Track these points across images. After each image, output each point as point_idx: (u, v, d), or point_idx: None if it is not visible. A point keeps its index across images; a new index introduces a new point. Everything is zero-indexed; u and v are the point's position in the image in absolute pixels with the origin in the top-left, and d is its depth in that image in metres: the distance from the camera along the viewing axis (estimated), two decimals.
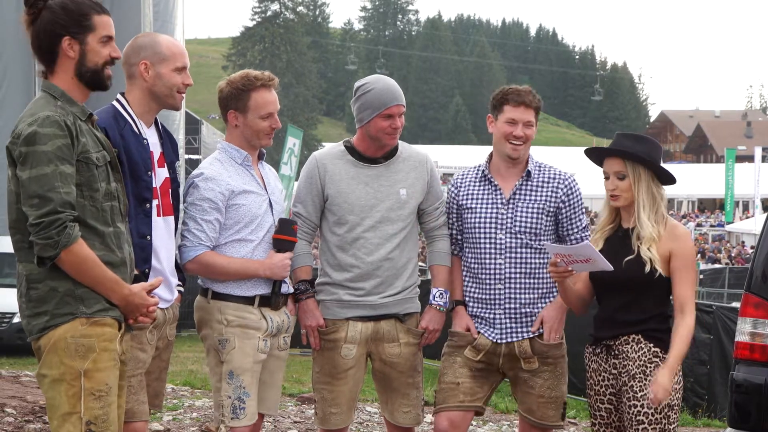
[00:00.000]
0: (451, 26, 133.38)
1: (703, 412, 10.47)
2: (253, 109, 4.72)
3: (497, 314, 4.88)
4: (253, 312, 4.68)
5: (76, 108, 3.79)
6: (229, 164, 4.76)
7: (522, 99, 4.82)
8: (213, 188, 4.65)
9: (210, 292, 4.72)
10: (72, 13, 3.78)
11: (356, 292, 4.88)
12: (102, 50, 3.82)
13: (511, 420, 9.25)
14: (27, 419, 7.81)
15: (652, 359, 4.39)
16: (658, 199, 4.49)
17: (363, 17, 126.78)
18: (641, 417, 4.34)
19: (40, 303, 3.68)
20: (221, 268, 4.64)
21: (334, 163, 4.94)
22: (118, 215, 3.86)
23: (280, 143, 24.74)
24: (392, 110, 4.83)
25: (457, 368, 4.90)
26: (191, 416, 8.41)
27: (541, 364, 4.88)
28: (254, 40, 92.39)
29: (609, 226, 4.60)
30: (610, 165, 4.53)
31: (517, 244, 4.86)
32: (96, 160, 3.75)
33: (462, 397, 4.86)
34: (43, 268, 3.64)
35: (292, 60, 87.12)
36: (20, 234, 3.70)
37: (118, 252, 3.80)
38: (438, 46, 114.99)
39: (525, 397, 4.95)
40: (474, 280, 4.94)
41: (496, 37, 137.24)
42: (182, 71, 4.42)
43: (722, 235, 44.21)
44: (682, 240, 4.46)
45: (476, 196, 4.96)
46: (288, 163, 21.85)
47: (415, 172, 5.00)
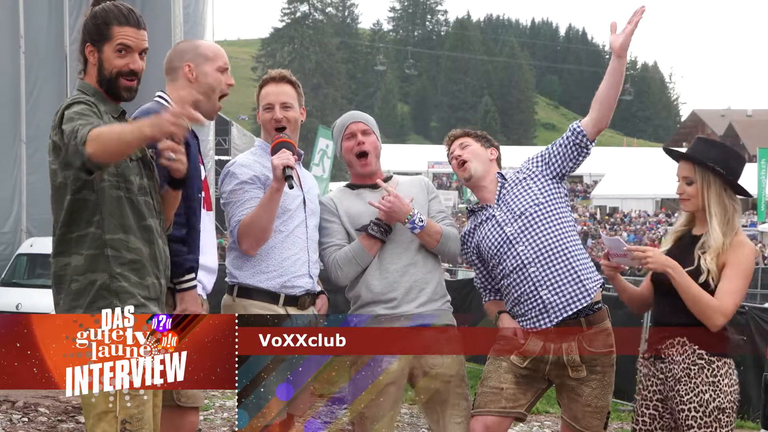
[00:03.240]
0: (480, 26, 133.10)
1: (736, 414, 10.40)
2: (260, 104, 4.90)
3: (543, 296, 4.76)
4: (277, 310, 4.70)
5: (108, 107, 3.85)
6: (265, 158, 4.82)
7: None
8: (247, 172, 4.76)
9: (236, 289, 4.76)
10: (96, 20, 3.86)
11: (389, 304, 4.87)
12: (116, 60, 3.85)
13: (542, 421, 9.21)
14: (60, 419, 7.87)
15: (696, 361, 4.31)
16: (730, 210, 4.39)
17: (392, 18, 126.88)
18: (690, 421, 4.26)
19: (78, 296, 3.73)
20: (250, 217, 4.63)
21: (340, 199, 5.02)
22: (152, 210, 3.89)
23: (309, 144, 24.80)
24: (351, 128, 4.98)
25: (502, 373, 4.81)
26: (222, 416, 8.45)
27: (589, 373, 4.77)
28: (283, 41, 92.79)
29: (682, 228, 4.56)
30: (681, 169, 4.48)
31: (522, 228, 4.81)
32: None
33: (504, 403, 4.78)
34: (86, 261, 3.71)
35: (321, 61, 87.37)
36: (66, 227, 3.76)
37: (145, 247, 3.83)
38: (467, 47, 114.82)
39: (571, 404, 4.85)
40: (517, 298, 4.84)
41: (526, 36, 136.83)
42: (224, 71, 4.53)
43: (755, 234, 43.86)
44: (737, 250, 4.35)
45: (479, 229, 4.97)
46: (320, 165, 21.91)
47: (415, 189, 5.07)
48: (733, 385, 4.33)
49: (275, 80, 4.88)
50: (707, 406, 4.26)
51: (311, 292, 4.84)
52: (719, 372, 4.30)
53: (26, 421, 7.79)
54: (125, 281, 3.76)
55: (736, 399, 4.33)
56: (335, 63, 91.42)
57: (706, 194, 4.40)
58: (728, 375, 4.31)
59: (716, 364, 4.31)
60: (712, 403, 4.25)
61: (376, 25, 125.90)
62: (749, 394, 10.37)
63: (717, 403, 4.26)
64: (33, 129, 18.59)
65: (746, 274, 4.37)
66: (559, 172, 4.94)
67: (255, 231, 4.68)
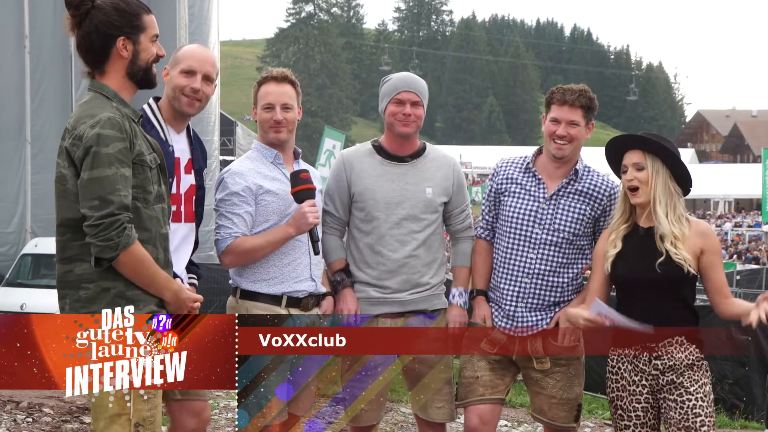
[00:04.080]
0: (485, 26, 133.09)
1: (740, 413, 10.38)
2: (259, 102, 4.84)
3: (518, 308, 4.86)
4: (280, 312, 4.69)
5: (128, 110, 3.84)
6: (260, 162, 4.80)
7: (565, 98, 4.79)
8: (240, 182, 4.70)
9: (239, 291, 4.76)
10: (125, 13, 3.83)
11: (383, 291, 4.93)
12: (152, 49, 3.89)
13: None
14: (64, 419, 7.88)
15: (698, 357, 4.43)
16: (675, 197, 4.46)
17: (397, 18, 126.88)
18: (697, 410, 4.38)
19: (89, 303, 3.70)
20: (251, 247, 4.66)
21: (361, 161, 5.01)
22: (167, 217, 3.92)
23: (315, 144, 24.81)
24: (402, 95, 4.92)
25: (475, 362, 4.90)
26: (226, 417, 8.45)
27: (553, 365, 4.86)
28: (288, 42, 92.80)
29: (623, 226, 4.56)
30: (630, 157, 4.51)
31: (551, 241, 4.83)
32: (150, 162, 3.80)
33: (482, 390, 4.86)
34: (98, 269, 3.67)
35: (326, 61, 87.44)
36: (71, 233, 3.73)
37: (163, 254, 3.85)
38: (472, 47, 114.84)
39: (535, 397, 4.94)
40: (502, 269, 4.92)
41: (531, 37, 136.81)
42: (190, 74, 4.47)
43: (759, 235, 43.80)
44: (709, 236, 4.50)
45: (519, 187, 4.94)
46: (326, 165, 21.93)
47: (442, 172, 5.03)
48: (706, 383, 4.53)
49: (277, 79, 4.83)
50: (709, 396, 4.42)
51: (315, 294, 4.84)
52: (708, 369, 4.47)
53: (30, 421, 7.79)
54: (140, 288, 3.75)
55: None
56: (340, 63, 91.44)
57: (654, 181, 4.44)
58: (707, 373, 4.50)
59: (705, 363, 4.46)
60: (711, 395, 4.43)
61: (381, 26, 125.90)
62: (754, 393, 10.36)
63: (713, 396, 4.45)
64: (38, 129, 18.62)
65: (721, 253, 4.62)
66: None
67: (248, 257, 4.70)
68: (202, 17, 22.46)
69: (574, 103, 4.78)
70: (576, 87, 4.84)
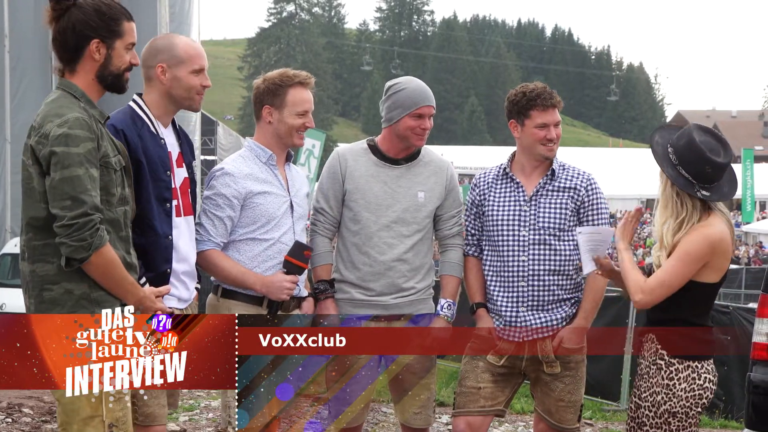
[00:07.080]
0: (466, 27, 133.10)
1: (720, 413, 10.42)
2: (290, 106, 4.75)
3: (521, 312, 4.88)
4: (261, 312, 4.67)
5: (95, 111, 3.84)
6: (253, 162, 4.78)
7: (547, 102, 4.85)
8: (230, 185, 4.68)
9: (220, 290, 4.75)
10: (104, 16, 3.82)
11: (367, 293, 4.89)
12: (125, 56, 3.89)
13: (527, 421, 9.22)
14: (44, 419, 7.84)
15: (656, 361, 4.21)
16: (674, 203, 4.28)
17: (378, 18, 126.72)
18: (643, 419, 4.21)
19: (53, 305, 3.70)
20: (221, 270, 4.67)
21: (355, 159, 4.98)
22: (128, 220, 3.91)
23: None
24: (423, 110, 4.88)
25: (479, 373, 4.89)
26: (207, 417, 8.44)
27: (563, 369, 4.89)
28: (270, 41, 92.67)
29: None
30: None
31: (539, 240, 4.87)
32: (114, 164, 3.79)
33: (483, 402, 4.88)
34: (60, 270, 3.64)
35: (307, 61, 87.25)
36: (36, 233, 3.72)
37: (127, 256, 3.85)
38: (453, 47, 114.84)
39: (545, 398, 4.96)
40: (497, 278, 4.94)
41: (512, 37, 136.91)
42: (200, 73, 4.43)
43: (739, 235, 44.02)
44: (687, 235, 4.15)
45: (498, 194, 4.97)
46: (306, 164, 21.90)
47: (435, 177, 5.02)
48: (694, 390, 4.18)
49: (307, 85, 4.80)
50: (658, 407, 4.18)
51: (296, 297, 4.82)
52: (677, 375, 4.17)
53: (10, 422, 7.76)
54: (104, 290, 3.75)
55: (695, 404, 4.18)
56: (321, 63, 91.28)
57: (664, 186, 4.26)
58: (688, 379, 4.17)
59: (675, 367, 4.18)
60: (663, 406, 4.17)
61: (363, 26, 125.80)
62: (733, 393, 10.41)
63: (668, 407, 4.16)
64: (18, 128, 18.48)
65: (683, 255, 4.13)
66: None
67: (214, 273, 4.72)
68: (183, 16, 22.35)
69: (554, 104, 4.89)
70: (546, 88, 4.93)
